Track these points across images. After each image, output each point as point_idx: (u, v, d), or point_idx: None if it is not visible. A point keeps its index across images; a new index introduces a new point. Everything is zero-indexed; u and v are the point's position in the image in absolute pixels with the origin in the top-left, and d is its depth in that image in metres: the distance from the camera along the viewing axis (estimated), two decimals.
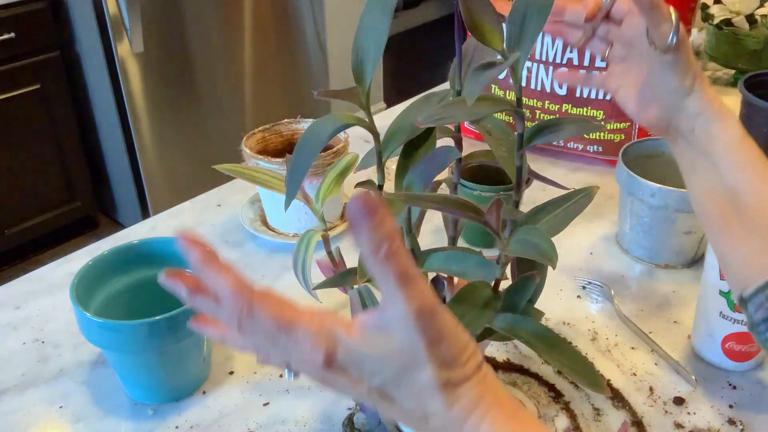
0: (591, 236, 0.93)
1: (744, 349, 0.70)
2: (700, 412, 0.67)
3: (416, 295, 0.33)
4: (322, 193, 0.63)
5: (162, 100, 2.26)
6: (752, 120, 0.94)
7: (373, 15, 0.51)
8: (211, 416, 0.68)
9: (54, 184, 2.29)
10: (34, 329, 0.80)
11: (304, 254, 0.58)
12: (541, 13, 0.51)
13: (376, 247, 0.31)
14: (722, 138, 0.56)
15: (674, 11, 0.55)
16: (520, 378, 0.71)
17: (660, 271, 0.87)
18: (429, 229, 0.93)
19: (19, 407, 0.70)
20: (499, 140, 0.60)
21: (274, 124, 0.98)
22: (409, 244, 0.57)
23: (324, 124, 0.51)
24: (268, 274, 0.88)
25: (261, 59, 2.49)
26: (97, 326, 0.64)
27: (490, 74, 0.49)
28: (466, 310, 0.53)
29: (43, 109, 2.16)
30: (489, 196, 0.84)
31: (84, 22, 2.13)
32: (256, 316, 0.36)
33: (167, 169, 2.35)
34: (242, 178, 0.68)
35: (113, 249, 0.72)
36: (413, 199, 0.50)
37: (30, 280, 0.88)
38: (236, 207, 1.00)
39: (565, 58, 1.03)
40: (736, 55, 1.27)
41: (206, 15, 2.28)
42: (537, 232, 0.50)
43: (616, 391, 0.69)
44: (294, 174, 0.51)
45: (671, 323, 0.78)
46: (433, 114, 0.51)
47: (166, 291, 0.76)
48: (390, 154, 0.55)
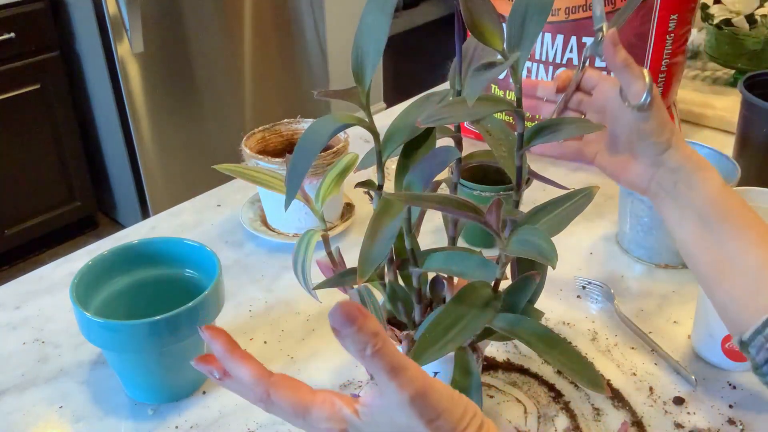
0: (591, 236, 0.93)
1: None
2: (700, 412, 0.67)
3: (407, 383, 0.36)
4: (322, 193, 0.63)
5: (162, 100, 2.26)
6: (752, 120, 0.94)
7: (373, 15, 0.51)
8: (211, 416, 0.68)
9: (54, 184, 2.29)
10: (34, 329, 0.80)
11: (304, 254, 0.58)
12: (541, 13, 0.51)
13: (362, 349, 0.35)
14: (705, 188, 0.58)
15: (647, 72, 0.58)
16: (520, 378, 0.71)
17: (660, 271, 0.87)
18: (429, 229, 0.93)
19: (19, 407, 0.70)
20: (499, 140, 0.60)
21: (274, 124, 0.98)
22: (409, 244, 0.57)
23: (324, 124, 0.51)
24: (268, 274, 0.88)
25: (261, 59, 2.49)
26: (97, 326, 0.64)
27: (490, 74, 0.49)
28: (466, 310, 0.53)
29: (43, 109, 2.16)
30: (489, 196, 0.84)
31: (84, 22, 2.13)
32: (274, 402, 0.41)
33: (167, 169, 2.35)
34: (242, 178, 0.68)
35: (113, 249, 0.72)
36: (413, 199, 0.50)
37: (30, 280, 0.88)
38: (236, 207, 1.00)
39: (565, 58, 1.03)
40: (736, 55, 1.27)
41: (206, 15, 2.28)
42: (537, 232, 0.50)
43: (616, 391, 0.69)
44: (294, 174, 0.51)
45: (671, 323, 0.78)
46: (433, 114, 0.51)
47: (166, 291, 0.76)
48: (390, 154, 0.55)
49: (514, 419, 0.67)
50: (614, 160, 0.63)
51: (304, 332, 0.78)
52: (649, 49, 0.99)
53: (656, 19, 0.97)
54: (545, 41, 1.04)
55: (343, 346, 0.35)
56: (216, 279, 0.67)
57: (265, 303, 0.83)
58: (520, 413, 0.67)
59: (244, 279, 0.87)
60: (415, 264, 0.57)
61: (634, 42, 1.00)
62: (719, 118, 1.20)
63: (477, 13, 0.50)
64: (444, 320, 0.52)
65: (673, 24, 0.98)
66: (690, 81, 1.34)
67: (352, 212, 0.96)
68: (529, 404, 0.68)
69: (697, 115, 1.22)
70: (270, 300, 0.83)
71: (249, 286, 0.86)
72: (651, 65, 1.00)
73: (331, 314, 0.34)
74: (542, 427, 0.66)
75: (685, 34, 1.01)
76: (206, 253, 0.71)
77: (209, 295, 0.66)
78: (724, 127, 1.19)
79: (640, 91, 0.57)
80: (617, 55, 0.58)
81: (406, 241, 0.57)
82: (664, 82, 1.02)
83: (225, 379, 0.42)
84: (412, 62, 3.91)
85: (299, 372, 0.72)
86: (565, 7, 1.00)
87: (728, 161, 0.86)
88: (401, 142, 0.55)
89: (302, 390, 0.40)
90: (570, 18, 1.01)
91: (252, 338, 0.77)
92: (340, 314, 0.34)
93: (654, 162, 0.60)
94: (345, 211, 0.97)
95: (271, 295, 0.84)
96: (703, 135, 1.18)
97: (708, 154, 0.88)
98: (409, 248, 0.57)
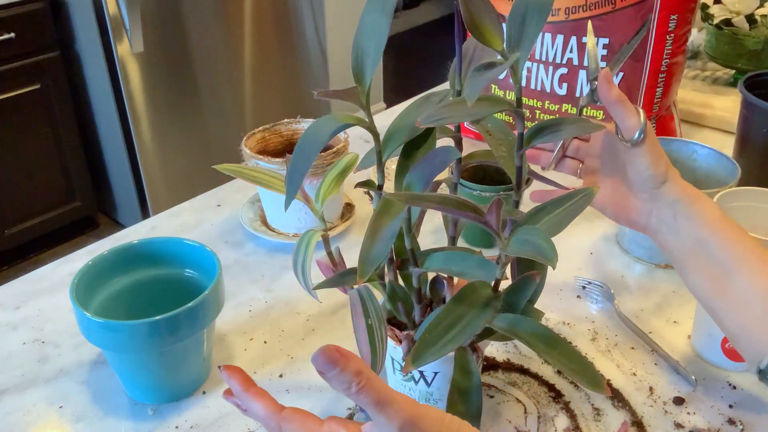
0: (591, 236, 0.93)
1: None
2: (700, 412, 0.67)
3: (394, 414, 0.39)
4: (322, 193, 0.63)
5: (162, 100, 2.26)
6: (752, 120, 0.94)
7: (373, 15, 0.51)
8: (211, 416, 0.68)
9: (54, 184, 2.29)
10: (34, 329, 0.80)
11: (304, 254, 0.58)
12: (541, 13, 0.51)
13: (347, 387, 0.38)
14: (705, 219, 0.60)
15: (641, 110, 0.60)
16: (520, 378, 0.71)
17: (660, 271, 0.87)
18: (429, 229, 0.93)
19: (19, 407, 0.70)
20: (499, 140, 0.60)
21: (274, 124, 0.98)
22: (409, 244, 0.57)
23: (324, 124, 0.51)
24: (268, 274, 0.88)
25: (261, 59, 2.49)
26: (97, 326, 0.63)
27: (490, 74, 0.49)
28: (466, 310, 0.53)
29: (43, 109, 2.17)
30: (489, 196, 0.84)
31: (84, 22, 2.13)
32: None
33: (167, 169, 2.35)
34: (242, 178, 0.68)
35: (113, 249, 0.72)
36: (413, 199, 0.50)
37: (30, 280, 0.88)
38: (236, 207, 1.00)
39: (565, 58, 1.03)
40: (736, 55, 1.27)
41: (206, 15, 2.28)
42: (537, 232, 0.50)
43: (616, 391, 0.69)
44: (294, 174, 0.51)
45: (671, 323, 0.78)
46: (433, 114, 0.51)
47: (166, 291, 0.76)
48: (390, 154, 0.55)
49: (514, 419, 0.67)
50: (613, 200, 0.65)
51: (304, 332, 0.78)
52: (649, 49, 0.99)
53: (656, 19, 0.97)
54: (545, 41, 1.04)
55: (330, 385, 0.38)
56: (216, 279, 0.67)
57: (265, 303, 0.83)
58: (520, 413, 0.67)
59: (244, 279, 0.87)
60: (415, 264, 0.57)
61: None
62: (719, 118, 1.20)
63: (477, 13, 0.50)
64: (444, 320, 0.52)
65: (673, 24, 0.98)
66: (690, 81, 1.34)
67: (352, 212, 0.96)
68: (529, 404, 0.68)
69: (697, 115, 1.22)
70: (270, 300, 0.83)
71: (249, 286, 0.86)
72: (651, 65, 1.00)
73: (313, 359, 0.38)
74: (542, 427, 0.66)
75: (685, 34, 1.01)
76: (206, 253, 0.71)
77: (209, 295, 0.66)
78: (724, 127, 1.19)
79: (634, 126, 0.60)
80: (611, 91, 0.60)
81: (406, 241, 0.57)
82: (664, 82, 1.02)
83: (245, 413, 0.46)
84: (412, 62, 3.91)
85: (299, 372, 0.72)
86: (565, 7, 1.00)
87: (728, 161, 0.86)
88: (401, 142, 0.55)
89: (309, 421, 0.44)
90: (570, 18, 1.01)
91: (252, 338, 0.78)
92: (322, 359, 0.37)
93: (652, 197, 0.62)
94: (345, 211, 0.97)
95: (271, 295, 0.84)
96: (703, 135, 1.18)
97: (708, 154, 0.88)
98: (409, 248, 0.57)
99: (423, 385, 0.61)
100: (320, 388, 0.71)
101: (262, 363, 0.74)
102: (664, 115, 1.07)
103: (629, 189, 0.63)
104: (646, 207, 0.62)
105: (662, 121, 1.07)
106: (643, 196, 0.62)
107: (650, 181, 0.61)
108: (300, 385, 0.71)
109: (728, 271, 0.58)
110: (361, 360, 0.38)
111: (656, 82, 1.02)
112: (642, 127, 0.59)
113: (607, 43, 0.99)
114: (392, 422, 0.38)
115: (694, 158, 0.89)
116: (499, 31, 0.51)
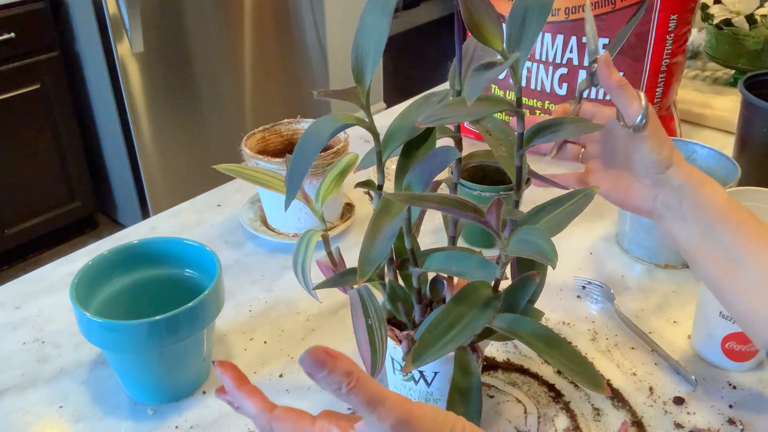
0: (591, 236, 0.93)
1: (744, 349, 0.70)
2: (700, 412, 0.67)
3: (386, 413, 0.38)
4: (322, 193, 0.63)
5: (162, 100, 2.26)
6: (752, 120, 0.94)
7: (373, 15, 0.51)
8: (211, 416, 0.68)
9: (54, 184, 2.29)
10: (34, 329, 0.80)
11: (304, 254, 0.58)
12: (541, 13, 0.51)
13: (337, 388, 0.37)
14: (712, 203, 0.58)
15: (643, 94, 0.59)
16: (520, 378, 0.71)
17: (660, 271, 0.87)
18: (429, 229, 0.93)
19: (19, 407, 0.70)
20: (499, 140, 0.60)
21: (274, 124, 0.98)
22: (409, 244, 0.57)
23: (324, 124, 0.51)
24: (268, 274, 0.88)
25: (261, 59, 2.49)
26: (97, 326, 0.64)
27: (490, 74, 0.49)
28: (466, 310, 0.53)
29: (43, 109, 2.17)
30: (489, 196, 0.84)
31: (84, 22, 2.13)
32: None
33: (167, 169, 2.35)
34: (242, 178, 0.68)
35: (113, 249, 0.72)
36: (413, 199, 0.50)
37: (30, 280, 0.88)
38: (236, 207, 1.00)
39: (565, 58, 1.03)
40: (736, 55, 1.27)
41: (206, 15, 2.28)
42: (537, 232, 0.50)
43: (616, 391, 0.70)
44: (294, 174, 0.51)
45: (671, 323, 0.78)
46: (433, 114, 0.51)
47: (166, 291, 0.76)
48: (390, 154, 0.55)
49: (514, 419, 0.67)
50: (617, 186, 0.64)
51: (304, 332, 0.78)
52: (649, 49, 0.99)
53: (656, 19, 0.97)
54: (545, 41, 1.04)
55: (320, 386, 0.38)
56: (216, 279, 0.67)
57: (265, 303, 0.83)
58: (520, 413, 0.67)
59: (244, 279, 0.87)
60: (415, 264, 0.57)
61: (634, 42, 1.00)
62: (719, 118, 1.20)
63: (477, 13, 0.50)
64: (444, 320, 0.52)
65: (673, 24, 0.98)
66: (690, 81, 1.34)
67: (352, 212, 0.96)
68: (529, 404, 0.68)
69: (697, 115, 1.22)
70: (270, 300, 0.83)
71: (249, 286, 0.86)
72: (651, 65, 1.00)
73: (300, 361, 0.37)
74: (542, 427, 0.66)
75: (685, 34, 1.01)
76: (206, 253, 0.71)
77: (209, 295, 0.66)
78: (724, 127, 1.19)
79: (636, 111, 0.58)
80: (611, 76, 0.58)
81: (406, 241, 0.57)
82: (664, 82, 1.02)
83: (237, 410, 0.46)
84: (412, 62, 3.91)
85: (299, 372, 0.72)
86: (565, 7, 1.00)
87: (728, 161, 0.86)
88: (401, 142, 0.55)
89: (302, 420, 0.43)
90: (570, 18, 1.01)
91: (252, 338, 0.78)
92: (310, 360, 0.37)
93: (656, 182, 0.60)
94: (345, 211, 0.97)
95: (271, 295, 0.84)
96: (703, 135, 1.18)
97: (708, 154, 0.88)
98: (409, 248, 0.57)
99: (423, 385, 0.61)
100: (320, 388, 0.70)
101: (262, 363, 0.74)
102: (664, 115, 1.07)
103: (633, 174, 0.62)
104: (651, 193, 0.61)
105: (662, 121, 1.07)
106: (648, 182, 0.61)
107: (654, 166, 0.60)
108: (300, 385, 0.71)
109: (737, 256, 0.57)
110: (351, 359, 0.38)
111: (656, 82, 1.02)
112: (644, 112, 0.58)
113: (607, 43, 0.99)
114: (384, 422, 0.38)
115: (694, 158, 0.89)
116: (499, 31, 0.51)
